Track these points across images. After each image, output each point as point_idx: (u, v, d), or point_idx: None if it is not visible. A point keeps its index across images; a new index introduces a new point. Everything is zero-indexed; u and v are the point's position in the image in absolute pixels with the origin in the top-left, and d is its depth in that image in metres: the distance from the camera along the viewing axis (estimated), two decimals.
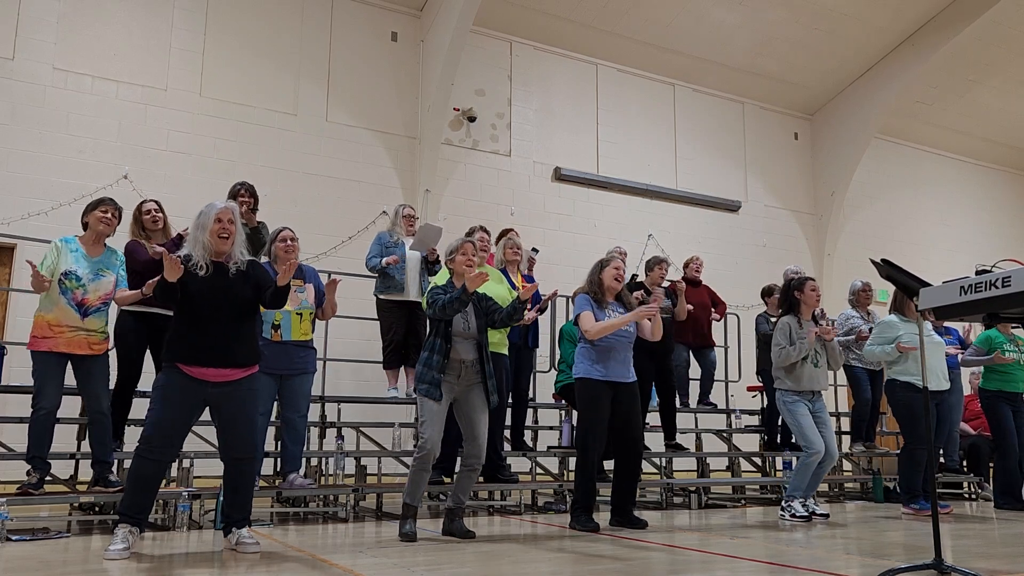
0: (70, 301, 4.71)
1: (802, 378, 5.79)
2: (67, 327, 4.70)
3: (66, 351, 4.71)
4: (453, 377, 4.55)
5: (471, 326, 4.65)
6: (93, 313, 4.79)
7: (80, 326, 4.73)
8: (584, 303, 5.18)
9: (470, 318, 4.66)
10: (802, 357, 5.77)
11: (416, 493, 4.55)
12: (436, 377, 4.47)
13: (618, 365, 5.13)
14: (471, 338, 4.64)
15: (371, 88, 9.96)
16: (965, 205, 15.01)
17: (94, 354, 4.78)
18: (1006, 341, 7.06)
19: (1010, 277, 3.04)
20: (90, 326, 4.77)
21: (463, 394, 4.62)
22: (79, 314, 4.73)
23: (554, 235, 10.63)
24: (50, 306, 4.70)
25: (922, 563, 3.30)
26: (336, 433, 6.36)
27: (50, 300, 4.70)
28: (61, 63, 8.36)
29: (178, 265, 3.72)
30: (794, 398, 5.81)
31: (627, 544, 4.35)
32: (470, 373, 4.60)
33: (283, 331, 5.28)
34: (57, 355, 4.70)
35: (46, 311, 4.70)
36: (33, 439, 4.66)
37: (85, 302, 4.75)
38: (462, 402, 4.63)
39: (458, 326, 4.59)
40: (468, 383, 4.61)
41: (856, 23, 11.64)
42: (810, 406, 5.83)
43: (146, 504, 3.90)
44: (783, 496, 5.99)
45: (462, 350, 4.58)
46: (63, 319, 4.69)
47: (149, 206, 5.44)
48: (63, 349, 4.70)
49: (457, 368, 4.55)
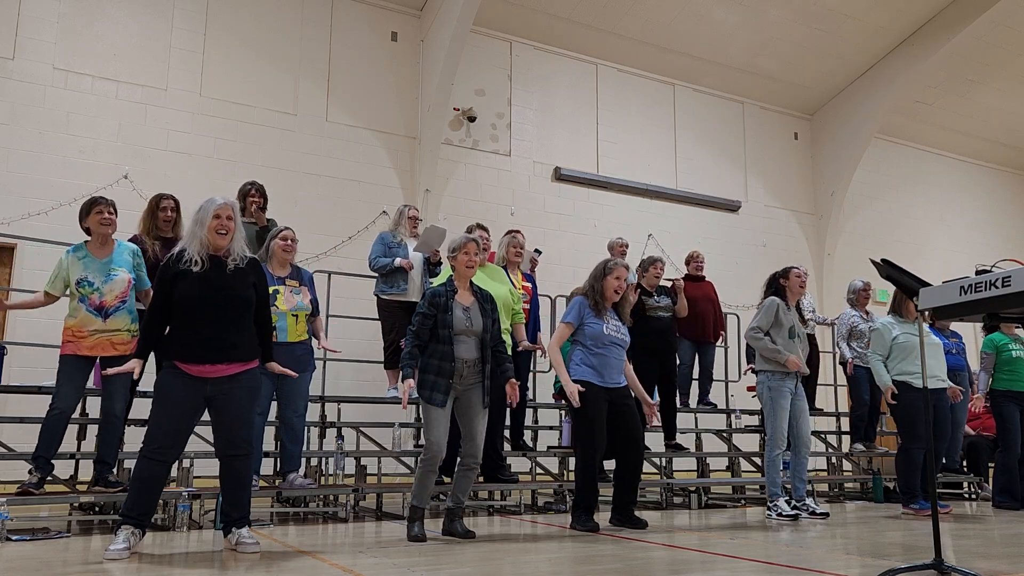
0: (88, 307, 4.74)
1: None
2: (88, 332, 4.73)
3: (89, 354, 4.74)
4: (455, 377, 4.52)
5: (474, 324, 4.59)
6: (114, 313, 4.80)
7: (102, 328, 4.75)
8: (575, 314, 5.14)
9: (474, 315, 4.61)
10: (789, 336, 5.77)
11: (423, 495, 4.53)
12: (443, 384, 4.45)
13: (612, 371, 5.14)
14: (474, 336, 4.59)
15: (371, 88, 9.96)
16: (965, 205, 15.01)
17: (119, 354, 4.77)
18: (1011, 341, 7.08)
19: (1010, 277, 3.04)
20: (112, 326, 4.78)
21: (463, 394, 4.59)
22: (100, 317, 4.75)
23: (554, 235, 10.63)
24: (73, 314, 4.76)
25: (922, 563, 3.30)
26: (336, 433, 6.36)
27: (72, 309, 4.76)
28: (61, 63, 8.36)
29: (135, 372, 3.90)
30: (779, 382, 5.78)
31: (627, 544, 4.35)
32: (471, 373, 4.57)
33: (279, 333, 5.27)
34: (81, 358, 4.73)
35: (70, 319, 4.76)
36: (43, 438, 4.66)
37: (103, 304, 4.77)
38: (462, 401, 4.60)
39: (460, 324, 4.53)
40: (468, 383, 4.58)
41: (856, 23, 11.64)
42: (793, 391, 5.84)
43: (150, 506, 3.89)
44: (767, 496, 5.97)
45: (463, 349, 4.54)
46: (84, 324, 4.73)
47: (167, 203, 5.48)
48: (86, 352, 4.73)
49: (459, 368, 4.52)
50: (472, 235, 4.95)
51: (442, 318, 4.51)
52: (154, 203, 5.47)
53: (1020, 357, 7.02)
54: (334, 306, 7.16)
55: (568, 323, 5.14)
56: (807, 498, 5.94)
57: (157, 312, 3.90)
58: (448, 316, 4.52)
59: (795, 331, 5.85)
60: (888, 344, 6.20)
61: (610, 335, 5.10)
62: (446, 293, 4.59)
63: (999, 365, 7.05)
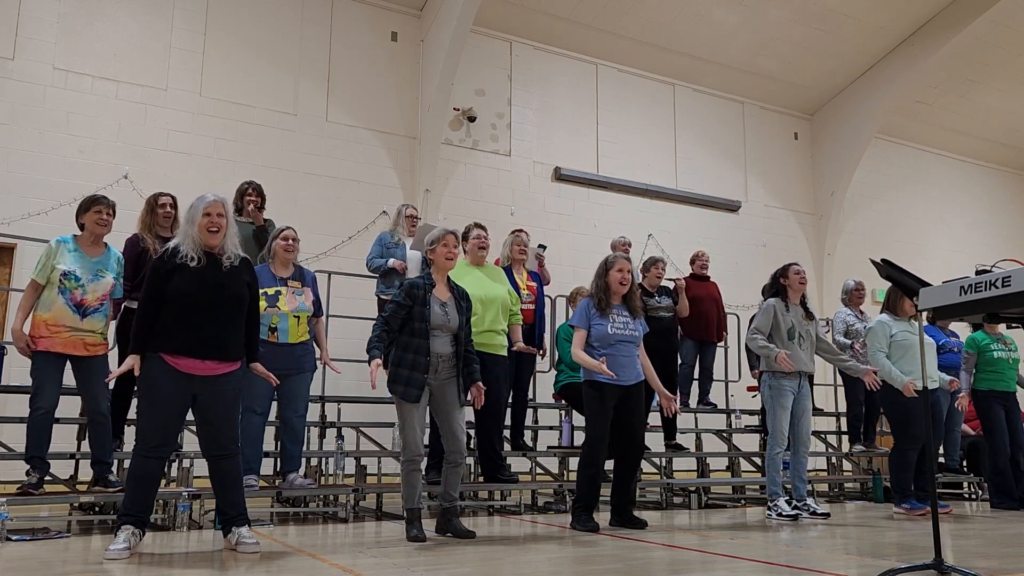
0: (68, 301, 4.66)
1: (792, 359, 5.76)
2: (64, 327, 4.65)
3: (63, 351, 4.68)
4: (430, 372, 4.46)
5: (451, 319, 4.54)
6: (92, 314, 4.75)
7: (78, 327, 4.69)
8: (582, 316, 5.13)
9: (451, 311, 4.55)
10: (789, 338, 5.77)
11: (413, 495, 4.49)
12: (418, 378, 4.41)
13: (625, 368, 5.10)
14: (449, 332, 4.54)
15: (371, 88, 9.96)
16: (965, 205, 15.01)
17: (90, 355, 4.74)
18: (993, 341, 7.07)
19: (1010, 277, 3.04)
20: (88, 327, 4.73)
21: (438, 389, 4.53)
22: (78, 315, 4.69)
23: (554, 235, 10.62)
24: (48, 306, 4.65)
25: (922, 563, 3.30)
26: (336, 433, 6.36)
27: (48, 300, 4.66)
28: (61, 63, 8.36)
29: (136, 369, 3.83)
30: (781, 382, 5.77)
31: (627, 544, 4.35)
32: (445, 368, 4.52)
33: (280, 334, 5.27)
34: (55, 355, 4.67)
35: (43, 311, 4.66)
36: (31, 439, 4.64)
37: (84, 303, 4.71)
38: (437, 397, 4.55)
39: (437, 319, 4.47)
40: (443, 378, 4.53)
41: (856, 23, 11.64)
42: (795, 391, 5.83)
43: (148, 503, 3.89)
44: (767, 496, 5.97)
45: (439, 344, 4.49)
46: (60, 319, 4.65)
47: (165, 200, 5.46)
48: (59, 349, 4.66)
49: (434, 363, 4.47)
50: (451, 228, 4.84)
51: (419, 311, 4.46)
52: (152, 201, 5.46)
53: (1002, 358, 7.01)
54: (334, 306, 7.17)
55: (577, 327, 5.14)
56: (807, 498, 5.94)
57: (151, 306, 3.85)
58: (426, 310, 4.46)
59: (795, 331, 5.84)
60: (887, 338, 6.19)
61: (616, 333, 5.08)
62: (424, 286, 4.54)
63: (982, 365, 7.04)
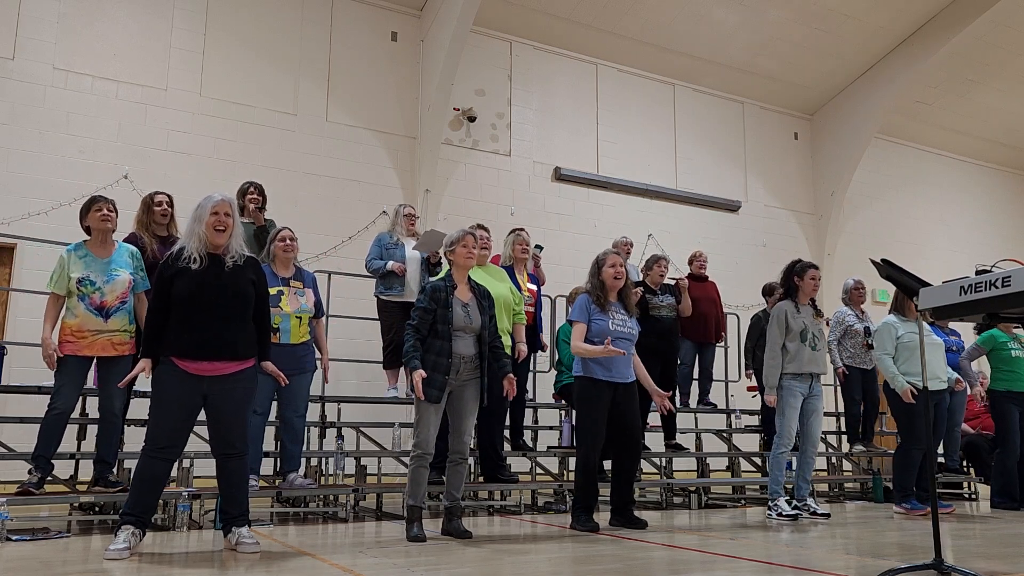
0: (89, 306, 4.72)
1: (802, 361, 5.77)
2: (89, 332, 4.71)
3: (90, 354, 4.74)
4: (451, 373, 4.50)
5: (473, 320, 4.57)
6: (115, 313, 4.79)
7: (103, 328, 4.74)
8: (581, 311, 5.14)
9: (472, 312, 4.59)
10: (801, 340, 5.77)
11: (417, 493, 4.51)
12: (439, 379, 4.44)
13: (620, 365, 5.11)
14: (472, 332, 4.58)
15: (371, 88, 9.96)
16: (965, 205, 15.01)
17: (119, 355, 4.77)
18: (1009, 340, 7.06)
19: (1010, 277, 3.04)
20: (113, 326, 4.77)
21: (457, 390, 4.57)
22: (101, 317, 4.74)
23: (554, 235, 10.62)
24: (73, 314, 4.72)
25: (922, 563, 3.30)
26: (336, 433, 6.36)
27: (72, 308, 4.73)
28: (61, 63, 8.36)
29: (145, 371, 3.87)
30: (792, 383, 5.78)
31: (627, 544, 4.35)
32: (467, 369, 4.56)
33: (282, 335, 5.28)
34: (81, 358, 4.72)
35: (70, 319, 4.73)
36: (42, 438, 4.65)
37: (104, 304, 4.76)
38: (455, 397, 4.58)
39: (459, 320, 4.52)
40: (464, 379, 4.57)
41: (856, 23, 11.64)
42: (806, 391, 5.83)
43: (151, 504, 3.90)
44: (768, 495, 5.97)
45: (461, 345, 4.53)
46: (85, 325, 4.71)
47: (162, 198, 5.46)
48: (87, 352, 4.72)
49: (456, 364, 4.51)
50: (470, 229, 4.92)
51: (442, 313, 4.50)
52: (148, 200, 5.46)
53: (1020, 357, 7.00)
54: (334, 306, 7.16)
55: (577, 321, 5.14)
56: (808, 498, 5.94)
57: (159, 310, 3.89)
58: (448, 312, 4.51)
59: (808, 332, 5.83)
60: (893, 340, 6.20)
61: (616, 330, 5.08)
62: (446, 288, 4.58)
63: (997, 364, 7.03)
